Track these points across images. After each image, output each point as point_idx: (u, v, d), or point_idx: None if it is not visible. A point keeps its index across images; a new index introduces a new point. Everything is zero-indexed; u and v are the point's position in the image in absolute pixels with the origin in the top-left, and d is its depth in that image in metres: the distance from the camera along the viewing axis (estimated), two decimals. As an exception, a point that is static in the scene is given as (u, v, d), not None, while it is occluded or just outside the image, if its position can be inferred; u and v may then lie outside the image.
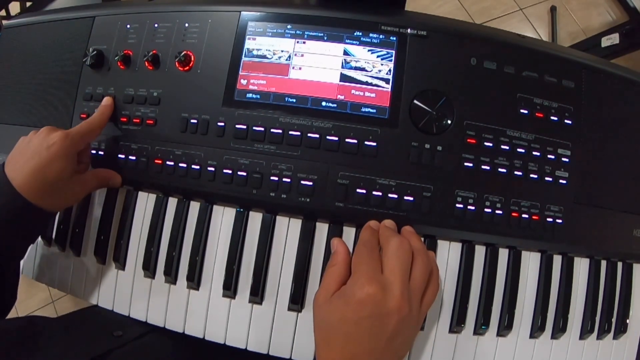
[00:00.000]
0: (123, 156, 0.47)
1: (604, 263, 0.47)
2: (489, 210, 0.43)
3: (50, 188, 0.40)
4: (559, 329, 0.44)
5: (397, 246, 0.37)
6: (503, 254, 0.45)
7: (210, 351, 0.48)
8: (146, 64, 0.47)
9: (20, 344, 0.39)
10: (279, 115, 0.44)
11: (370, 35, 0.44)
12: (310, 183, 0.43)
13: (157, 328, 0.46)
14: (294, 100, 0.44)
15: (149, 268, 0.46)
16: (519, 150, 0.43)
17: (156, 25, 0.48)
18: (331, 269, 0.38)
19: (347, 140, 0.43)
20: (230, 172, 0.44)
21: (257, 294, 0.44)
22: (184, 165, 0.45)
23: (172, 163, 0.45)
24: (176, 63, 0.46)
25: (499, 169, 0.43)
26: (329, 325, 0.35)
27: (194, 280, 0.45)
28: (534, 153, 0.43)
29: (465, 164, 0.43)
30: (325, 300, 0.36)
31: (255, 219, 0.46)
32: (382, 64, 0.44)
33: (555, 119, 0.44)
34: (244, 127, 0.44)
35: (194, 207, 0.47)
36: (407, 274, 0.36)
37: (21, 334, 0.40)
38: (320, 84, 0.44)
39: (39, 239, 0.50)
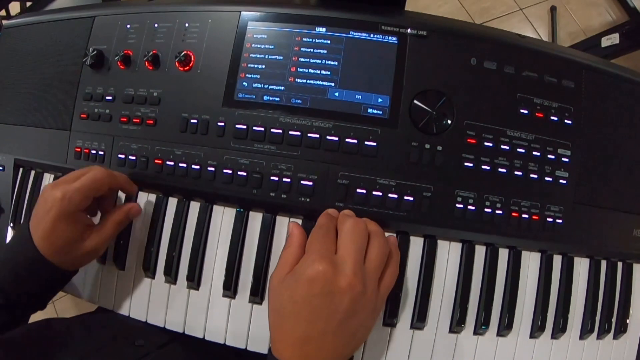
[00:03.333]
0: (123, 156, 0.47)
1: (604, 263, 0.47)
2: (489, 210, 0.42)
3: (62, 250, 0.40)
4: (559, 329, 0.44)
5: (351, 227, 0.36)
6: (503, 254, 0.45)
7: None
8: (146, 64, 0.47)
9: (39, 345, 0.38)
10: (279, 115, 0.44)
11: (371, 35, 0.44)
12: (310, 183, 0.43)
13: (179, 337, 0.46)
14: (294, 100, 0.44)
15: (149, 268, 0.46)
16: (519, 150, 0.43)
17: (156, 25, 0.48)
18: (285, 250, 0.38)
19: (347, 140, 0.43)
20: (230, 172, 0.44)
21: (257, 294, 0.44)
22: (184, 165, 0.45)
23: (172, 163, 0.45)
24: (176, 63, 0.46)
25: (499, 169, 0.43)
26: (280, 306, 0.35)
27: (194, 280, 0.45)
28: (534, 153, 0.43)
29: (465, 164, 0.43)
30: (279, 281, 0.35)
31: (255, 219, 0.46)
32: (382, 64, 0.44)
33: (555, 119, 0.44)
34: (244, 127, 0.44)
35: (194, 207, 0.47)
36: (361, 254, 0.35)
37: (40, 336, 0.40)
38: (320, 84, 0.44)
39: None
